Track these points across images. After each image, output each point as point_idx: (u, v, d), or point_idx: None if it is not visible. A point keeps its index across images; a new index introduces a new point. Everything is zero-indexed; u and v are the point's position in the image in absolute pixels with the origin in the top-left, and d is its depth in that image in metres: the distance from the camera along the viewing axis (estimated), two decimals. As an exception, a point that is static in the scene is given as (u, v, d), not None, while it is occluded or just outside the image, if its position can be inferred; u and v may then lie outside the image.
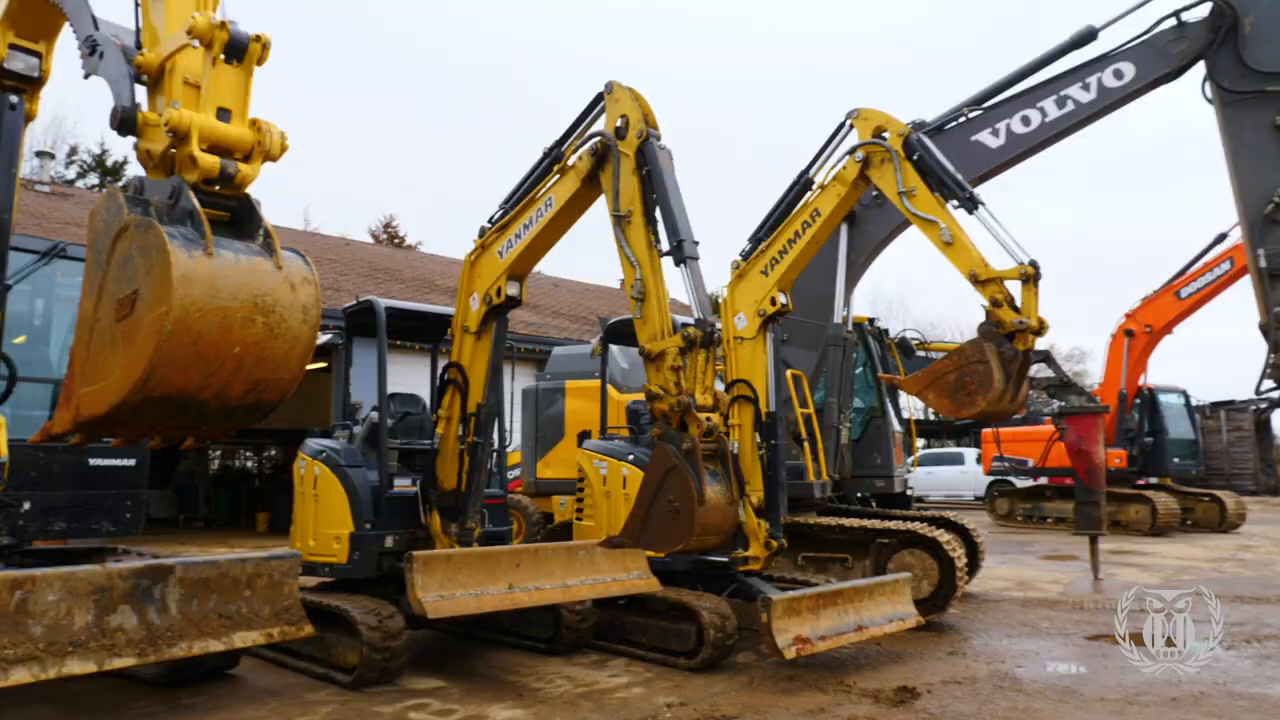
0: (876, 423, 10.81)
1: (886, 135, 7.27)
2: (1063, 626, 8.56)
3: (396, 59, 75.31)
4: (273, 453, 27.73)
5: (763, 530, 7.36)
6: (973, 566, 9.64)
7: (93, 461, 6.90)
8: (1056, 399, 11.68)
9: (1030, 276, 6.56)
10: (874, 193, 8.99)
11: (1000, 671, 6.75)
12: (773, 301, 7.79)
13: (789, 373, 9.17)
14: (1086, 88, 9.32)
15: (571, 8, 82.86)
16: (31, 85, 5.50)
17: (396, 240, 45.24)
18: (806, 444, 9.16)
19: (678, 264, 5.71)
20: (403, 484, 7.18)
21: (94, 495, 6.91)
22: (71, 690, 5.98)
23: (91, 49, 3.82)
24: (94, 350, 3.43)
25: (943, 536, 8.56)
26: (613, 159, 6.01)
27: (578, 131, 6.51)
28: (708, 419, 5.26)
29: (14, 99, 5.44)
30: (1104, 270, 67.13)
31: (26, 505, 6.45)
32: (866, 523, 9.03)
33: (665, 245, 5.78)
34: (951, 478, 28.70)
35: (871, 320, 11.45)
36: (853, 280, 10.33)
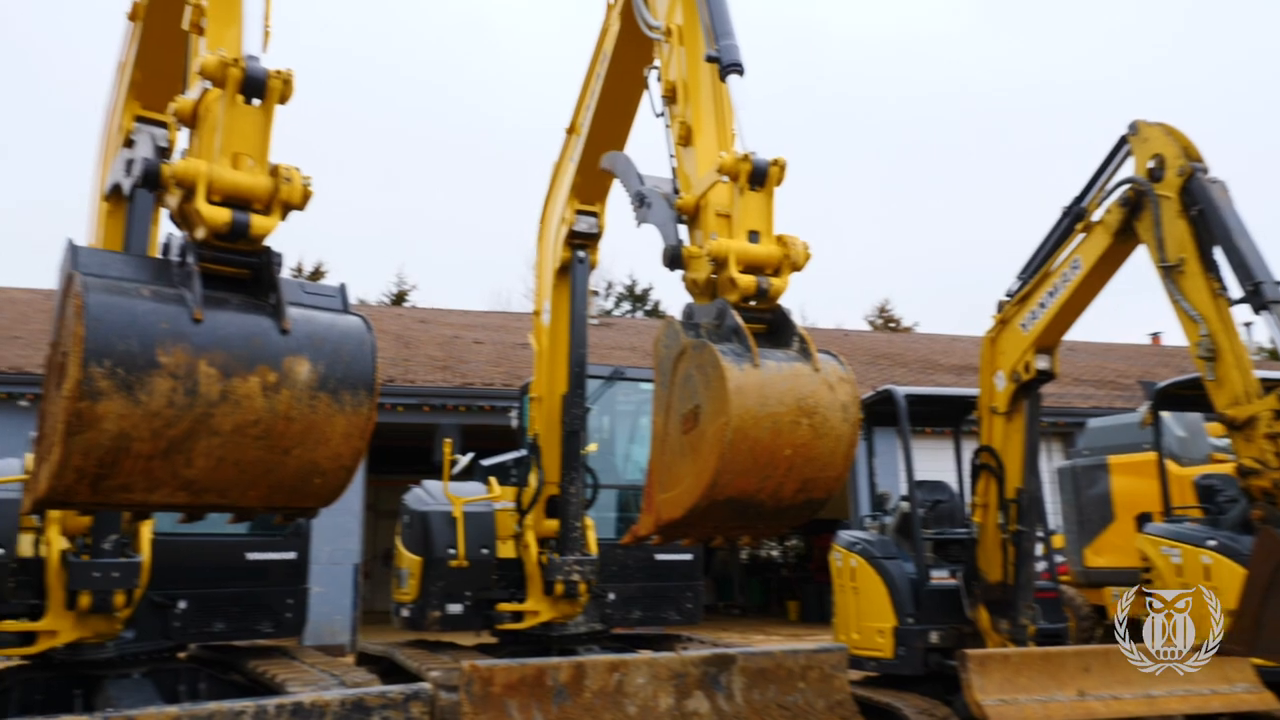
0: None
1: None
2: None
3: (867, 142, 77.12)
4: (795, 543, 28.88)
5: None
6: None
7: (658, 556, 7.76)
8: None
9: None
10: None
11: None
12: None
13: None
14: None
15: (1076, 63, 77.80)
16: (592, 241, 6.69)
17: (892, 324, 45.44)
18: None
19: (1257, 311, 4.81)
20: (939, 575, 6.94)
21: (661, 587, 7.75)
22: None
23: (640, 201, 4.47)
24: (666, 461, 3.87)
25: None
26: (1150, 205, 5.34)
27: (1099, 183, 5.96)
28: (1330, 496, 4.24)
29: (581, 254, 6.68)
30: None
31: (611, 595, 7.42)
32: None
33: (1235, 292, 4.93)
34: None
35: None
36: None
